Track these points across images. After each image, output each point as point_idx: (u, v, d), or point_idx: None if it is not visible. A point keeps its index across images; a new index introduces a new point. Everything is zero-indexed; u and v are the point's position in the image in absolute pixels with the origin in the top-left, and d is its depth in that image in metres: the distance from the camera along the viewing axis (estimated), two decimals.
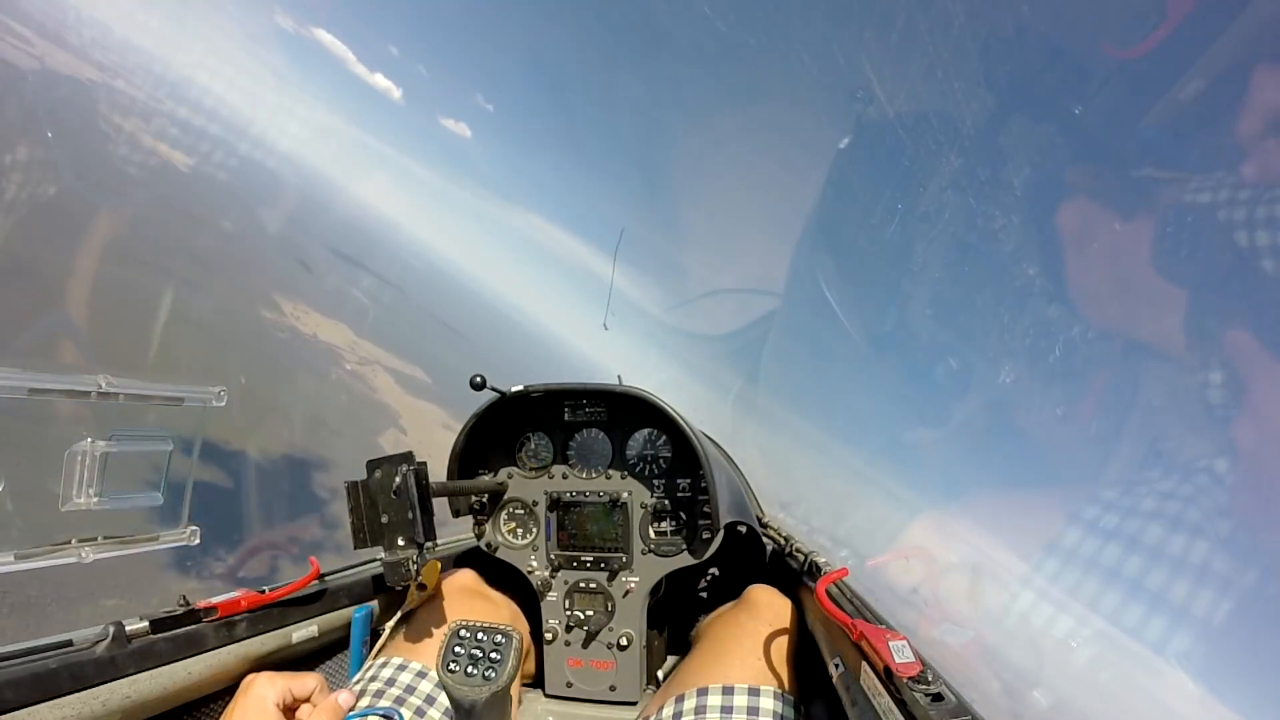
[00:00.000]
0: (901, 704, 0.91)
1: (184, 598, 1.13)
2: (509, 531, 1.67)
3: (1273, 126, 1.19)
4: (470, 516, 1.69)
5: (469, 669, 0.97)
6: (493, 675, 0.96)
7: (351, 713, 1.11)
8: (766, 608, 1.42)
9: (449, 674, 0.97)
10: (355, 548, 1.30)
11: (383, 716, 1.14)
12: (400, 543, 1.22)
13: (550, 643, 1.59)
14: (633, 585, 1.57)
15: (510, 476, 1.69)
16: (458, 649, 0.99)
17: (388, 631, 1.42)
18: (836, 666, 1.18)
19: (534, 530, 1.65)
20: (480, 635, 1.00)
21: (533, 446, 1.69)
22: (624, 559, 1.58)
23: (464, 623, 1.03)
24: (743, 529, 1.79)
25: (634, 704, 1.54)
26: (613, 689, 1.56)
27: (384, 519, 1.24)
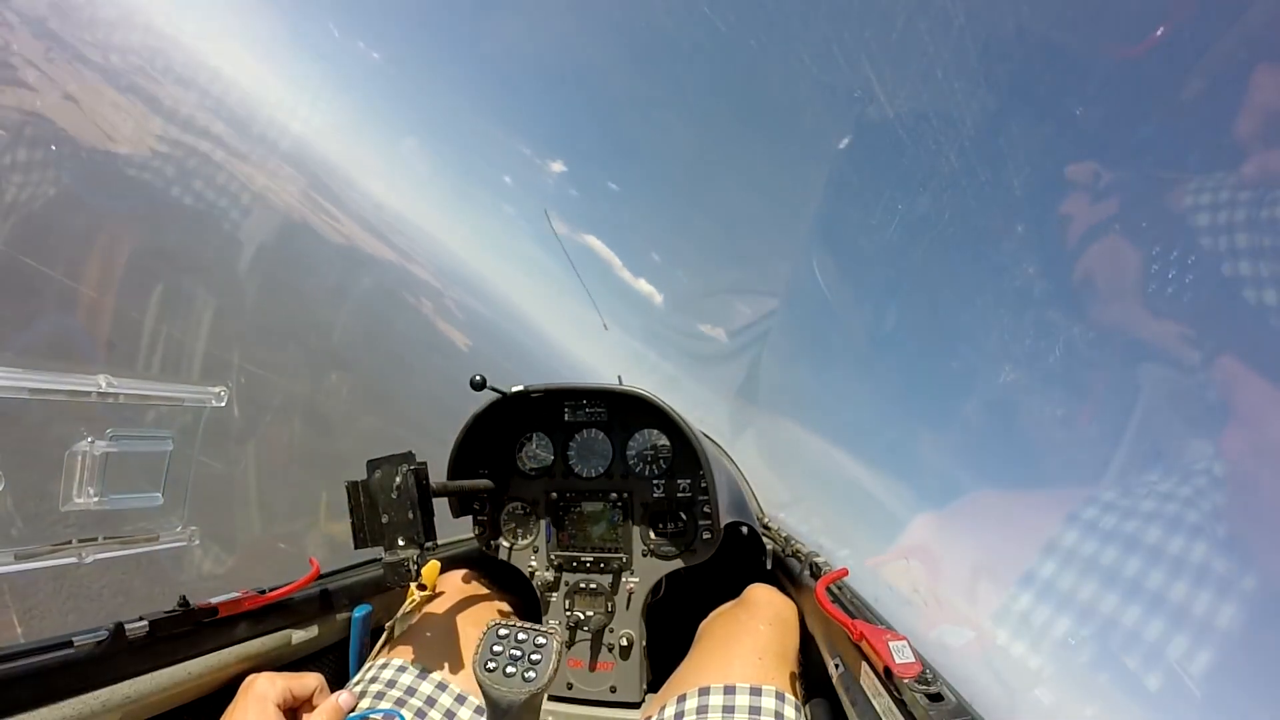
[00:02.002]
0: (901, 704, 0.91)
1: (184, 598, 1.13)
2: (509, 532, 1.67)
3: (1272, 127, 1.19)
4: (470, 517, 1.69)
5: (508, 669, 0.95)
6: (533, 676, 0.94)
7: (352, 713, 1.11)
8: (767, 606, 1.42)
9: (487, 673, 0.95)
10: (355, 548, 1.30)
11: (383, 717, 1.14)
12: (400, 543, 1.22)
13: None
14: (633, 586, 1.56)
15: (510, 477, 1.68)
16: (496, 648, 0.97)
17: (388, 632, 1.42)
18: (836, 666, 1.18)
19: (534, 531, 1.65)
20: (520, 635, 0.98)
21: (533, 447, 1.69)
22: (624, 560, 1.58)
23: (503, 622, 1.02)
24: (744, 529, 1.79)
25: (635, 704, 1.54)
26: (613, 690, 1.56)
27: (384, 519, 1.24)
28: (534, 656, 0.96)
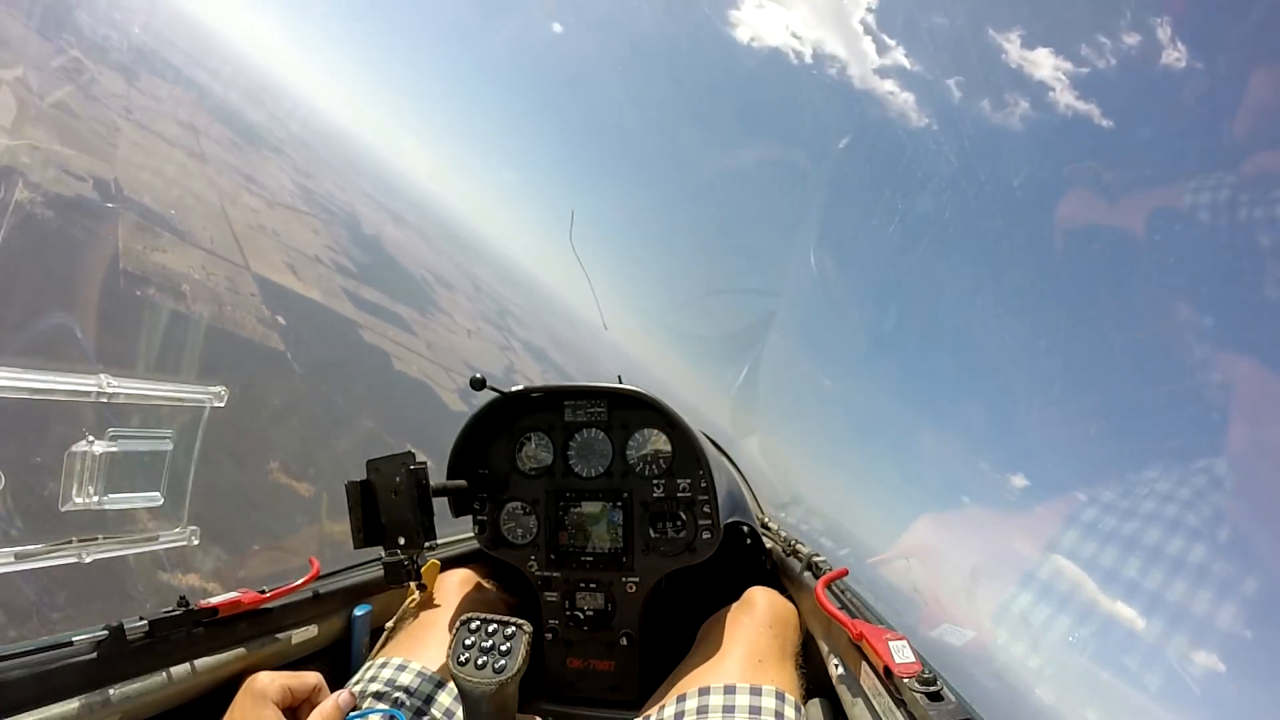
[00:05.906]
0: (901, 704, 0.91)
1: (184, 598, 1.13)
2: (509, 531, 1.67)
3: (1272, 126, 1.19)
4: (470, 516, 1.69)
5: (479, 661, 0.97)
6: (503, 667, 0.96)
7: (352, 712, 1.11)
8: (767, 608, 1.42)
9: (459, 666, 0.97)
10: (355, 548, 1.30)
11: (382, 716, 1.14)
12: (400, 542, 1.22)
13: (551, 643, 1.59)
14: (633, 585, 1.56)
15: (510, 476, 1.68)
16: (468, 641, 0.99)
17: (387, 632, 1.42)
18: (836, 667, 1.18)
19: (534, 530, 1.65)
20: (491, 628, 1.01)
21: (533, 446, 1.69)
22: (624, 559, 1.57)
23: (473, 615, 1.03)
24: (745, 529, 1.79)
25: (635, 704, 1.54)
26: (613, 689, 1.55)
27: (384, 519, 1.24)
28: (504, 648, 0.98)
